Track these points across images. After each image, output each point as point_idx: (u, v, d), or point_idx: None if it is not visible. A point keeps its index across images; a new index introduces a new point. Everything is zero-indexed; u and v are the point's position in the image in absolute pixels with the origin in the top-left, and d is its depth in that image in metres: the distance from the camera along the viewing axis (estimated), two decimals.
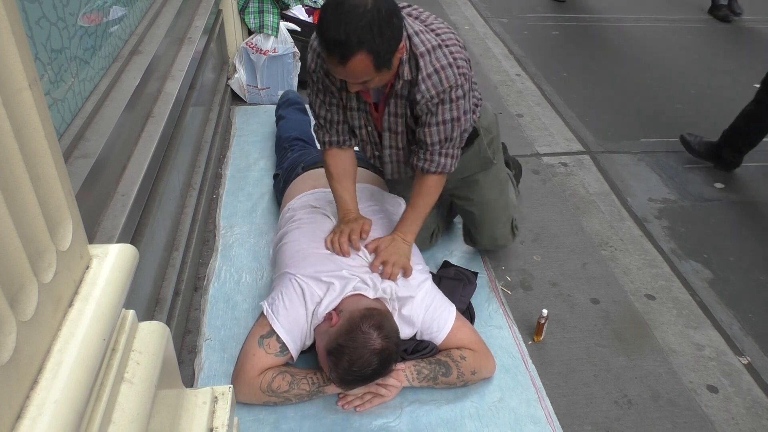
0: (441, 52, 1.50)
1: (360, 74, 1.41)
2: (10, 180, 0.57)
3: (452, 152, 1.66)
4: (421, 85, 1.51)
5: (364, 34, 1.32)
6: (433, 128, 1.59)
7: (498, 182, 1.99)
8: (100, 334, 0.68)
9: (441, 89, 1.51)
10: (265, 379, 1.51)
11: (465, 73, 1.53)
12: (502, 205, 2.02)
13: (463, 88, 1.54)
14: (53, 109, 1.19)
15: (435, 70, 1.49)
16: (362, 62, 1.36)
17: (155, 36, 1.86)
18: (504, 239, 2.05)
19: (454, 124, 1.59)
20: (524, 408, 1.63)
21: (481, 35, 4.31)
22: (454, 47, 1.53)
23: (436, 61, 1.49)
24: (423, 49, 1.49)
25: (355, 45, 1.32)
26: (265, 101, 3.14)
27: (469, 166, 1.89)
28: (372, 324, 1.40)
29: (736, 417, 1.67)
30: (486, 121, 1.87)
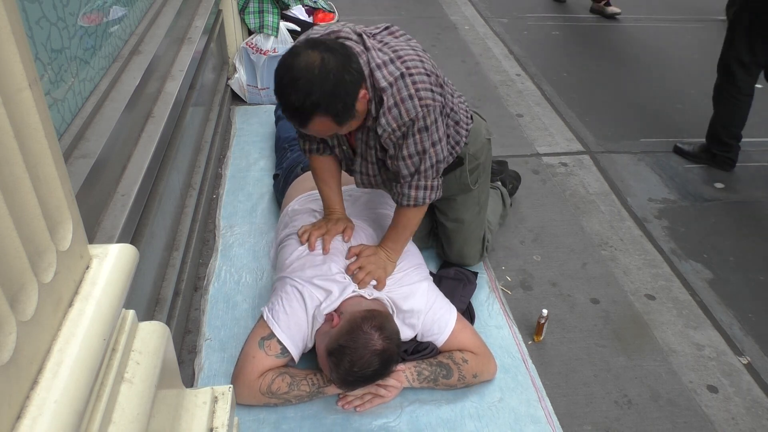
0: (403, 83, 1.44)
1: (324, 132, 1.44)
2: (10, 180, 0.57)
3: (425, 183, 1.60)
4: (382, 119, 1.47)
5: (317, 99, 1.33)
6: (401, 162, 1.55)
7: (476, 204, 1.96)
8: (100, 334, 0.68)
9: (401, 122, 1.46)
10: (265, 381, 1.51)
11: (428, 104, 1.45)
12: (476, 226, 1.99)
13: (427, 119, 1.47)
14: (53, 109, 1.19)
15: (395, 103, 1.44)
16: (322, 123, 1.39)
17: (155, 36, 1.86)
18: (471, 258, 2.03)
19: (420, 157, 1.53)
20: (524, 408, 1.63)
21: (481, 35, 4.31)
22: (418, 76, 1.45)
23: (397, 94, 1.44)
24: (385, 84, 1.43)
25: (310, 110, 1.35)
26: (265, 101, 3.14)
27: (449, 188, 1.85)
28: (373, 325, 1.40)
29: (736, 417, 1.67)
30: (475, 147, 1.82)
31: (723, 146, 2.84)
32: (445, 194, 1.88)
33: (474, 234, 2.00)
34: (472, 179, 1.87)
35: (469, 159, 1.82)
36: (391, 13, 4.55)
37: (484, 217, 2.03)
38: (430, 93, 1.47)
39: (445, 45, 4.09)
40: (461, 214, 1.95)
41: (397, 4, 4.78)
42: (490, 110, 3.22)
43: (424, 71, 1.47)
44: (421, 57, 1.50)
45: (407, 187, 1.60)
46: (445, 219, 1.98)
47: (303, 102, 1.33)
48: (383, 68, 1.44)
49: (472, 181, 1.87)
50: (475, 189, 1.91)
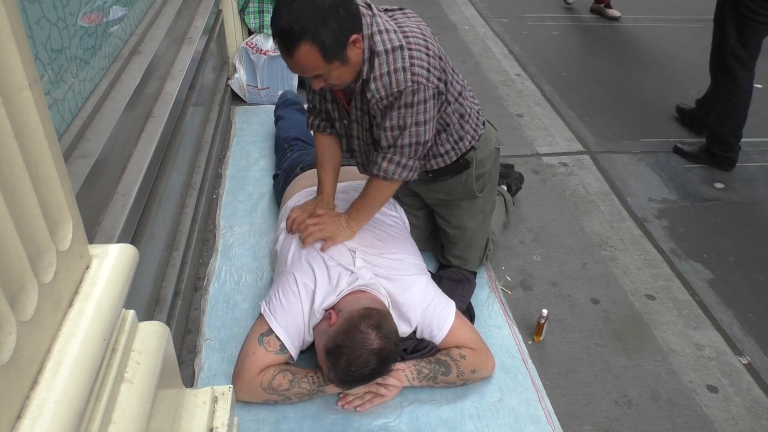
0: (400, 54, 1.43)
1: (308, 66, 1.39)
2: (10, 180, 0.57)
3: (399, 160, 1.57)
4: (371, 84, 1.45)
5: (306, 24, 1.31)
6: (381, 132, 1.54)
7: (480, 212, 1.93)
8: (100, 334, 0.68)
9: (389, 92, 1.45)
10: (266, 377, 1.52)
11: (419, 81, 1.44)
12: (479, 234, 1.97)
13: (415, 96, 1.45)
14: (53, 109, 1.19)
15: (387, 72, 1.43)
16: (308, 53, 1.35)
17: (155, 36, 1.86)
18: (471, 264, 2.01)
19: (400, 132, 1.51)
20: (524, 408, 1.63)
21: (481, 35, 4.31)
22: (417, 52, 1.44)
23: (392, 63, 1.43)
24: (381, 49, 1.43)
25: (298, 35, 1.32)
26: (265, 101, 3.14)
27: (453, 192, 1.86)
28: (370, 324, 1.40)
29: (736, 417, 1.67)
30: (483, 154, 1.80)
31: (724, 146, 2.84)
32: (448, 199, 1.89)
33: (477, 241, 1.98)
34: (478, 186, 1.85)
35: (476, 165, 1.80)
36: None
37: (488, 225, 2.01)
38: (425, 72, 1.45)
39: (445, 45, 4.07)
40: (465, 221, 1.92)
41: (396, 3, 4.78)
42: (490, 110, 3.22)
43: (425, 50, 1.46)
44: (426, 37, 1.49)
45: (381, 158, 1.58)
46: (447, 225, 1.97)
47: (292, 24, 1.31)
48: (384, 34, 1.44)
49: (478, 188, 1.85)
50: (480, 197, 1.88)
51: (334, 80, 1.46)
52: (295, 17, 1.31)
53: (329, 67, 1.40)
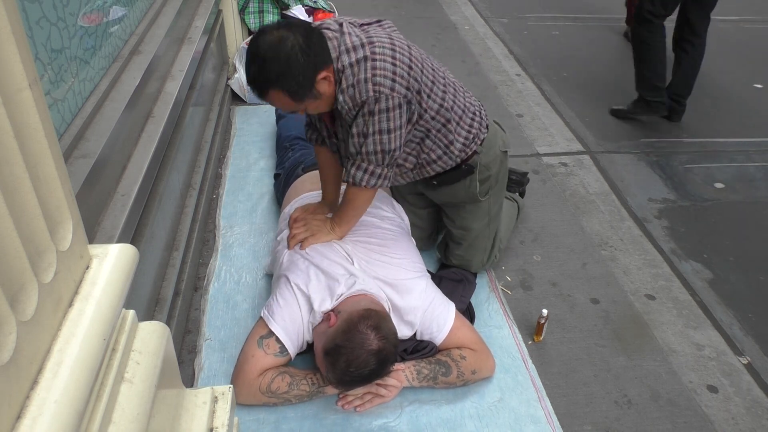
0: (363, 66, 1.47)
1: (284, 107, 1.51)
2: (10, 180, 0.57)
3: (365, 167, 1.59)
4: (339, 96, 1.50)
5: (268, 75, 1.42)
6: (349, 139, 1.57)
7: (486, 215, 1.92)
8: (100, 334, 0.68)
9: (354, 103, 1.49)
10: (265, 380, 1.52)
11: (381, 90, 1.46)
12: (483, 237, 1.96)
13: (378, 105, 1.47)
14: (53, 109, 1.19)
15: (352, 84, 1.47)
16: (278, 98, 1.47)
17: (155, 36, 1.86)
18: (474, 265, 2.00)
19: (362, 140, 1.54)
20: (524, 408, 1.63)
21: (481, 35, 4.31)
22: (380, 62, 1.47)
23: (356, 74, 1.47)
24: (346, 64, 1.48)
25: (264, 85, 1.45)
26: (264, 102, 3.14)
27: (457, 195, 1.87)
28: (369, 324, 1.40)
29: (736, 417, 1.67)
30: (487, 158, 1.80)
31: (653, 91, 3.10)
32: (452, 200, 1.90)
33: (481, 243, 1.97)
34: (481, 190, 1.84)
35: (480, 169, 1.79)
36: (391, 12, 4.55)
37: (494, 229, 1.98)
38: (389, 81, 1.47)
39: (445, 45, 4.09)
40: (469, 222, 1.92)
41: (396, 3, 4.78)
42: (490, 110, 3.20)
43: (391, 60, 1.48)
44: (394, 47, 1.51)
45: (350, 164, 1.61)
46: (451, 225, 1.97)
47: (257, 76, 1.44)
48: (351, 52, 1.49)
49: (481, 192, 1.84)
50: (484, 200, 1.87)
51: (312, 111, 1.57)
52: (258, 71, 1.43)
53: (303, 105, 1.51)
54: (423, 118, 1.62)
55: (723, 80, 3.84)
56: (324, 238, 1.73)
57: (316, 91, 1.47)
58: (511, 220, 2.22)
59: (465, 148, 1.73)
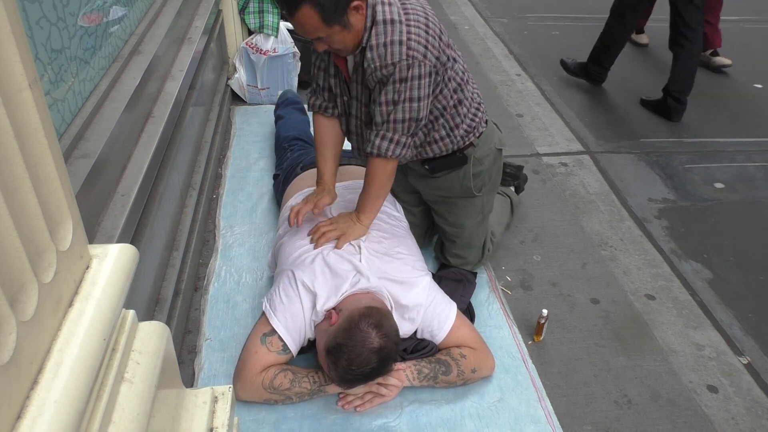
0: (398, 28, 1.44)
1: (310, 28, 1.41)
2: (10, 180, 0.57)
3: (392, 136, 1.55)
4: (368, 53, 1.46)
5: None
6: (375, 107, 1.54)
7: (479, 212, 1.92)
8: (100, 334, 0.68)
9: (383, 63, 1.45)
10: (267, 376, 1.52)
11: (415, 56, 1.44)
12: (477, 234, 1.96)
13: (410, 71, 1.45)
14: (53, 109, 1.19)
15: (384, 43, 1.44)
16: (308, 15, 1.38)
17: (155, 36, 1.86)
18: (471, 264, 2.01)
19: (394, 107, 1.51)
20: (524, 408, 1.63)
21: (481, 35, 4.31)
22: (415, 28, 1.45)
23: (389, 34, 1.44)
24: (380, 18, 1.44)
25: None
26: (265, 101, 3.15)
27: (450, 188, 1.86)
28: (371, 323, 1.40)
29: (736, 417, 1.67)
30: (482, 152, 1.79)
31: (599, 67, 3.54)
32: (447, 195, 1.89)
33: (475, 241, 1.97)
34: (476, 184, 1.84)
35: (474, 162, 1.79)
36: None
37: (486, 226, 2.00)
38: (422, 48, 1.46)
39: None
40: (462, 219, 1.92)
41: None
42: (490, 110, 3.21)
43: (425, 27, 1.47)
44: (427, 15, 1.50)
45: (374, 135, 1.57)
46: (444, 223, 1.97)
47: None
48: (386, 5, 1.46)
49: (475, 186, 1.84)
50: (479, 196, 1.87)
51: (337, 44, 1.47)
52: None
53: (330, 31, 1.42)
54: (442, 92, 1.61)
55: (723, 80, 3.84)
56: (356, 234, 1.69)
57: (347, 18, 1.41)
58: (503, 214, 2.23)
59: (466, 135, 1.74)
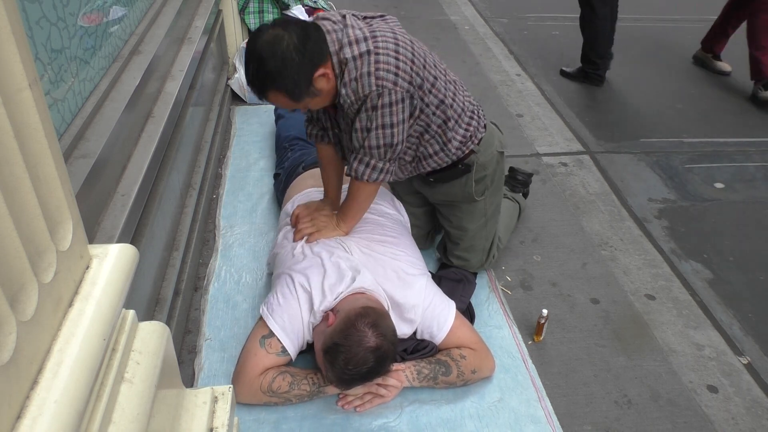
0: (366, 59, 1.47)
1: (285, 106, 1.52)
2: (10, 180, 0.57)
3: (368, 161, 1.60)
4: (342, 89, 1.50)
5: (265, 76, 1.44)
6: (353, 134, 1.58)
7: (482, 216, 1.92)
8: (100, 334, 0.68)
9: (357, 97, 1.49)
10: (266, 379, 1.52)
11: (384, 85, 1.47)
12: (481, 237, 1.96)
13: (381, 99, 1.48)
14: (53, 109, 1.19)
15: (354, 78, 1.47)
16: (277, 98, 1.49)
17: (155, 36, 1.86)
18: (473, 266, 2.00)
19: (366, 134, 1.54)
20: (524, 408, 1.63)
21: (481, 35, 4.31)
22: (384, 56, 1.47)
23: (359, 68, 1.47)
24: (349, 57, 1.47)
25: (262, 88, 1.47)
26: (264, 101, 3.14)
27: (453, 193, 1.87)
28: (367, 322, 1.40)
29: (736, 417, 1.67)
30: (484, 158, 1.81)
31: (593, 65, 3.59)
32: (448, 199, 1.90)
33: (478, 243, 1.97)
34: (477, 190, 1.85)
35: (476, 168, 1.80)
36: (391, 12, 4.52)
37: (491, 229, 1.98)
38: (392, 75, 1.47)
39: (445, 45, 4.09)
40: (465, 222, 1.92)
41: (396, 3, 4.78)
42: (490, 110, 3.21)
43: (394, 54, 1.48)
44: (397, 41, 1.51)
45: (353, 158, 1.63)
46: (448, 225, 1.98)
47: (255, 77, 1.46)
48: (353, 45, 1.48)
49: (477, 192, 1.85)
50: (480, 200, 1.88)
51: (315, 107, 1.58)
52: (255, 72, 1.45)
53: (302, 104, 1.52)
54: (424, 112, 1.63)
55: (723, 80, 3.84)
56: (330, 234, 1.74)
57: (314, 88, 1.48)
58: (511, 220, 2.22)
59: (462, 146, 1.74)
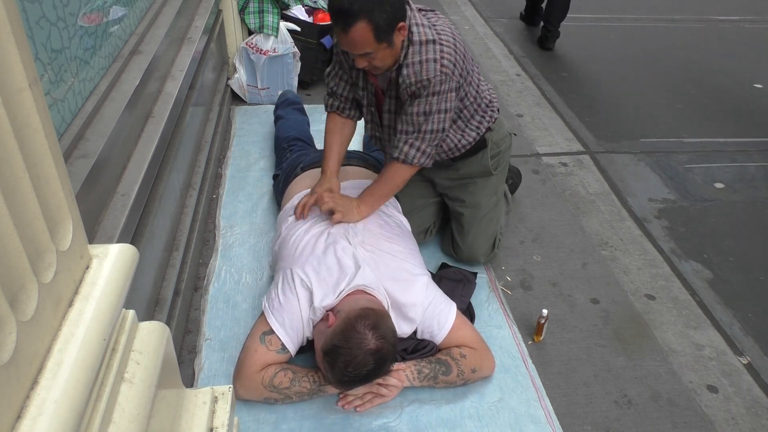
0: (432, 47, 1.59)
1: (361, 44, 1.53)
2: (10, 180, 0.57)
3: (418, 145, 1.72)
4: (404, 70, 1.61)
5: (364, 4, 1.47)
6: (406, 117, 1.69)
7: (494, 193, 2.05)
8: (100, 334, 0.68)
9: (418, 79, 1.60)
10: (267, 374, 1.52)
11: (447, 72, 1.60)
12: (491, 217, 2.05)
13: (442, 86, 1.61)
14: (53, 109, 1.19)
15: (420, 61, 1.59)
16: (362, 31, 1.50)
17: (155, 36, 1.86)
18: (481, 254, 2.06)
19: (425, 118, 1.66)
20: (524, 408, 1.63)
21: (481, 35, 4.31)
22: (447, 48, 1.60)
23: (424, 53, 1.59)
24: (416, 39, 1.59)
25: (356, 13, 1.48)
26: (265, 101, 3.15)
27: (469, 170, 1.98)
28: (367, 324, 1.40)
29: (736, 417, 1.67)
30: (498, 136, 1.97)
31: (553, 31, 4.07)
32: (464, 177, 2.00)
33: (490, 226, 2.05)
34: (493, 164, 1.99)
35: (491, 145, 1.96)
36: None
37: (499, 212, 2.10)
38: (452, 65, 1.62)
39: None
40: (479, 198, 2.02)
41: None
42: None
43: (454, 47, 1.63)
44: (454, 35, 1.66)
45: (403, 142, 1.73)
46: (462, 206, 2.04)
47: (352, 4, 1.47)
48: (420, 27, 1.62)
49: (493, 165, 1.99)
50: (494, 175, 2.02)
51: (378, 61, 1.61)
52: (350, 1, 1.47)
53: (378, 47, 1.55)
54: (462, 101, 1.79)
55: (723, 80, 3.84)
56: (353, 217, 1.77)
57: (393, 38, 1.56)
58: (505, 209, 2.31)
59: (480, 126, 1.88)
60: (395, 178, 1.80)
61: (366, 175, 2.08)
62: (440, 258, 2.14)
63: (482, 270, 2.10)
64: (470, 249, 2.04)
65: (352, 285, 1.55)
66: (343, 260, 1.61)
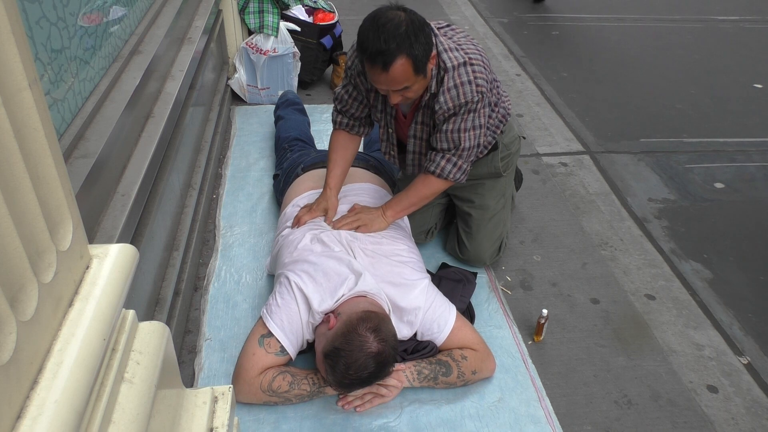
0: (464, 70, 1.62)
1: (401, 79, 1.54)
2: (10, 180, 0.57)
3: (455, 161, 1.75)
4: (440, 96, 1.64)
5: (402, 41, 1.48)
6: (442, 135, 1.72)
7: (502, 195, 2.06)
8: (100, 334, 0.68)
9: (457, 103, 1.64)
10: (266, 378, 1.51)
11: (482, 91, 1.64)
12: (499, 219, 2.06)
13: (478, 104, 1.66)
14: (53, 109, 1.19)
15: (455, 85, 1.62)
16: (403, 67, 1.51)
17: (155, 36, 1.86)
18: (487, 257, 2.06)
19: (462, 135, 1.70)
20: (524, 408, 1.63)
21: (481, 35, 4.31)
22: (477, 66, 1.64)
23: (458, 77, 1.62)
24: (450, 65, 1.62)
25: (395, 51, 1.48)
26: (265, 101, 3.15)
27: (479, 171, 1.99)
28: (368, 327, 1.40)
29: (736, 417, 1.67)
30: (508, 138, 1.99)
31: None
32: (474, 177, 2.01)
33: (496, 228, 2.05)
34: (503, 166, 2.01)
35: (502, 147, 1.98)
36: None
37: (506, 214, 2.10)
38: (486, 83, 1.67)
39: None
40: (487, 199, 2.03)
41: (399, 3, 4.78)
42: None
43: (482, 64, 1.67)
44: (480, 52, 1.70)
45: (440, 157, 1.76)
46: (470, 206, 2.05)
47: (389, 44, 1.48)
48: (449, 52, 1.64)
49: (503, 167, 2.01)
50: (503, 177, 2.03)
51: (413, 93, 1.63)
52: (391, 36, 1.48)
53: (415, 79, 1.57)
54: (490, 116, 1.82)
55: (723, 80, 3.84)
56: (377, 227, 1.79)
57: (427, 68, 1.58)
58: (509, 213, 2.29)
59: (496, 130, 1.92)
60: (425, 189, 1.81)
61: (367, 177, 2.08)
62: (440, 258, 2.14)
63: (482, 270, 2.10)
64: (477, 250, 2.04)
65: (354, 291, 1.55)
66: (343, 266, 1.61)
